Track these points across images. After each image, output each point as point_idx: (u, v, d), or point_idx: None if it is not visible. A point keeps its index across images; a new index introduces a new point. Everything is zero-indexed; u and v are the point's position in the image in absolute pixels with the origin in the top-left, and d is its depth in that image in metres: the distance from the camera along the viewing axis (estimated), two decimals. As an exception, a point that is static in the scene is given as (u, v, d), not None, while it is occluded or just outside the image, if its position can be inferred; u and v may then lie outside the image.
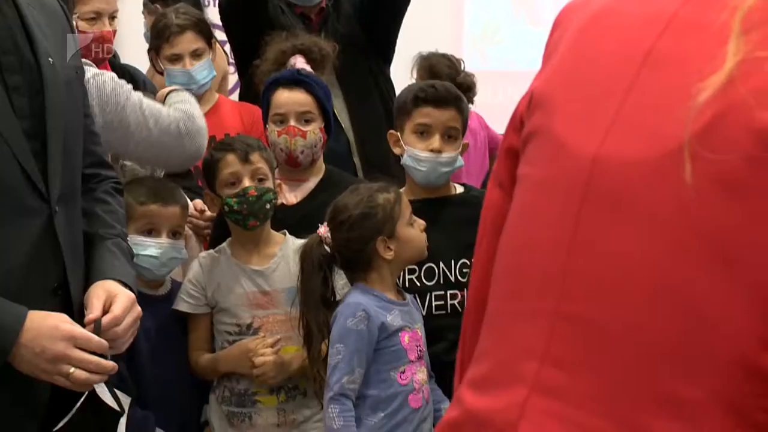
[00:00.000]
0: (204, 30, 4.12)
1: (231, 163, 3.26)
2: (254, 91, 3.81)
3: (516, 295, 1.21)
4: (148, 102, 3.08)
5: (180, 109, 3.18)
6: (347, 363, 2.91)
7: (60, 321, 2.15)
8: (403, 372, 2.98)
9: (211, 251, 3.37)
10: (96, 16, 3.66)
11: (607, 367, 1.09)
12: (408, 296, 3.14)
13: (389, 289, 3.07)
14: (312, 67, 3.53)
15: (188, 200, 3.39)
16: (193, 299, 3.30)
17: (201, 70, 4.03)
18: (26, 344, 2.08)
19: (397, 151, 3.47)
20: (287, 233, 3.42)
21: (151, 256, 3.16)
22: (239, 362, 3.20)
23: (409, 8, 4.25)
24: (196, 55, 4.03)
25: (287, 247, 3.36)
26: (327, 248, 3.04)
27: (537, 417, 1.11)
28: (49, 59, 2.26)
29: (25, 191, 2.17)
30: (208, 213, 3.63)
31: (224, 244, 3.38)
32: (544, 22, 6.56)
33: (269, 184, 3.28)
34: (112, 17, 3.78)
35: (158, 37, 4.10)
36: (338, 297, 3.10)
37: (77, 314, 2.24)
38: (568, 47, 1.27)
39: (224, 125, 4.01)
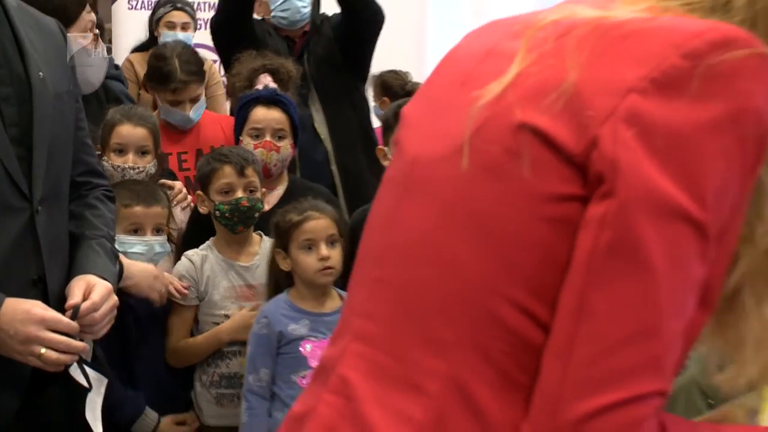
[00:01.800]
0: (203, 76, 4.08)
1: (227, 174, 3.34)
2: None
3: (357, 269, 1.32)
4: None
5: None
6: (251, 363, 3.04)
7: (33, 306, 2.16)
8: (304, 377, 3.02)
9: (197, 250, 3.41)
10: None
11: (396, 317, 1.20)
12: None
13: (308, 300, 3.12)
14: (278, 86, 3.61)
15: (167, 198, 3.43)
16: (190, 289, 3.32)
17: (197, 111, 4.04)
18: (1, 327, 2.10)
19: (386, 164, 3.46)
20: (263, 234, 3.46)
21: (138, 253, 3.19)
22: (242, 328, 3.24)
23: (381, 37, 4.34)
24: (195, 100, 4.02)
25: (265, 246, 3.41)
26: None
27: (351, 358, 1.22)
28: (40, 73, 2.27)
29: (8, 191, 2.18)
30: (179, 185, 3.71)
31: (209, 243, 3.43)
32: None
33: (259, 194, 3.36)
34: None
35: (160, 82, 4.02)
36: None
37: (54, 304, 2.23)
38: (425, 80, 1.40)
39: (207, 138, 4.05)
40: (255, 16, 4.28)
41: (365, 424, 1.15)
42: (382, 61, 4.90)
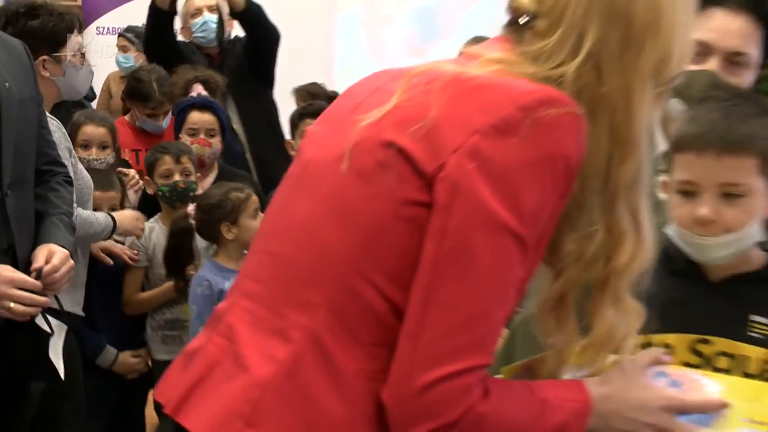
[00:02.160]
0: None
1: (167, 162, 3.39)
2: None
3: (253, 243, 1.34)
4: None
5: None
6: (198, 317, 2.98)
7: (3, 269, 2.15)
8: None
9: (147, 223, 3.39)
10: None
11: (276, 282, 1.22)
12: None
13: (234, 261, 3.05)
14: (208, 93, 3.62)
15: (122, 183, 3.43)
16: (140, 254, 3.34)
17: (167, 120, 4.02)
18: None
19: (293, 153, 3.53)
20: None
21: None
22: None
23: (290, 52, 4.35)
24: (167, 113, 4.00)
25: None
26: (192, 222, 3.11)
27: (237, 310, 1.24)
28: (6, 83, 2.22)
29: None
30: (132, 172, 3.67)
31: (156, 217, 3.45)
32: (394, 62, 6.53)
33: (193, 178, 3.39)
34: None
35: (140, 100, 3.99)
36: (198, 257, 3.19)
37: (22, 268, 2.21)
38: (329, 106, 1.41)
39: (169, 138, 3.97)
40: (183, 39, 4.27)
41: (240, 360, 1.18)
42: (297, 76, 4.96)
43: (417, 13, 6.77)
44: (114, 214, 3.05)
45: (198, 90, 3.58)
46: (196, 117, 3.55)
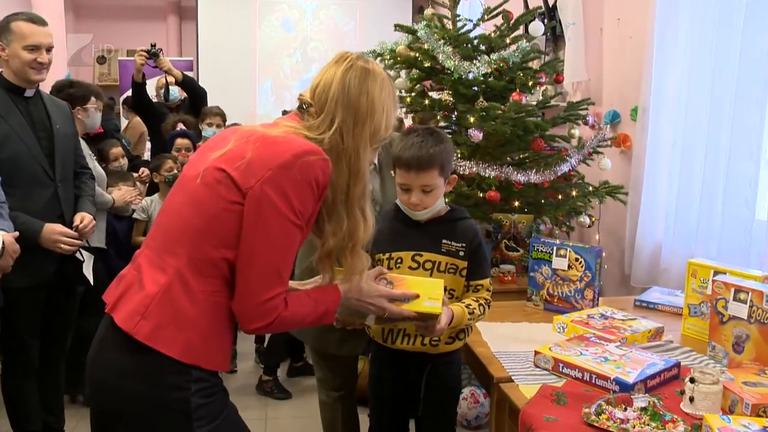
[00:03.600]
0: None
1: (170, 164, 3.15)
2: (161, 140, 3.59)
3: (156, 217, 1.22)
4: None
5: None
6: None
7: (57, 226, 2.10)
8: None
9: (149, 197, 3.22)
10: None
11: (160, 240, 1.14)
12: None
13: None
14: (186, 127, 3.43)
15: (133, 177, 3.17)
16: (143, 213, 3.14)
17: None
18: (43, 236, 2.06)
19: None
20: None
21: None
22: None
23: (230, 104, 3.99)
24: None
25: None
26: None
27: (144, 254, 1.16)
28: (57, 126, 2.17)
29: (43, 177, 2.11)
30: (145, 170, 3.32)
31: (156, 195, 3.24)
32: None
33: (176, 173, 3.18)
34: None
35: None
36: None
37: (68, 226, 2.16)
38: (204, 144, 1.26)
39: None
40: (156, 100, 3.98)
41: (141, 283, 1.11)
42: (235, 118, 4.63)
43: (303, 83, 6.59)
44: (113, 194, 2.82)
45: (180, 126, 3.40)
46: (179, 141, 3.36)
